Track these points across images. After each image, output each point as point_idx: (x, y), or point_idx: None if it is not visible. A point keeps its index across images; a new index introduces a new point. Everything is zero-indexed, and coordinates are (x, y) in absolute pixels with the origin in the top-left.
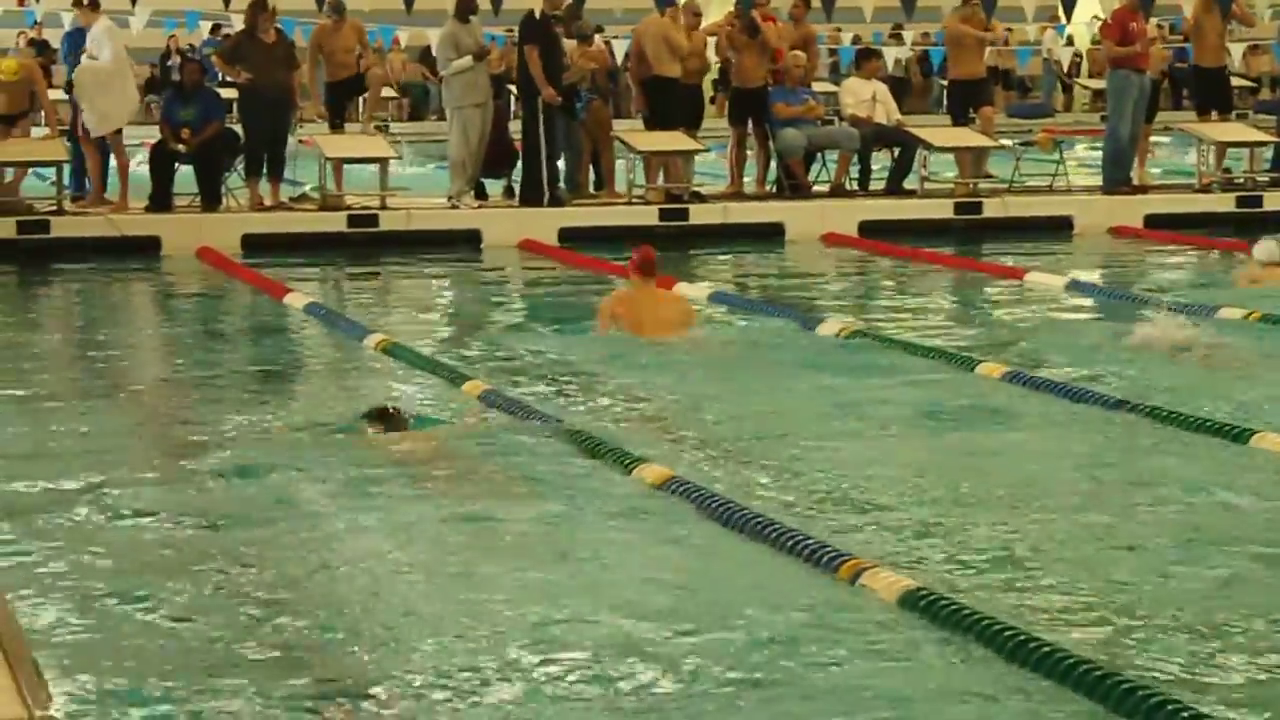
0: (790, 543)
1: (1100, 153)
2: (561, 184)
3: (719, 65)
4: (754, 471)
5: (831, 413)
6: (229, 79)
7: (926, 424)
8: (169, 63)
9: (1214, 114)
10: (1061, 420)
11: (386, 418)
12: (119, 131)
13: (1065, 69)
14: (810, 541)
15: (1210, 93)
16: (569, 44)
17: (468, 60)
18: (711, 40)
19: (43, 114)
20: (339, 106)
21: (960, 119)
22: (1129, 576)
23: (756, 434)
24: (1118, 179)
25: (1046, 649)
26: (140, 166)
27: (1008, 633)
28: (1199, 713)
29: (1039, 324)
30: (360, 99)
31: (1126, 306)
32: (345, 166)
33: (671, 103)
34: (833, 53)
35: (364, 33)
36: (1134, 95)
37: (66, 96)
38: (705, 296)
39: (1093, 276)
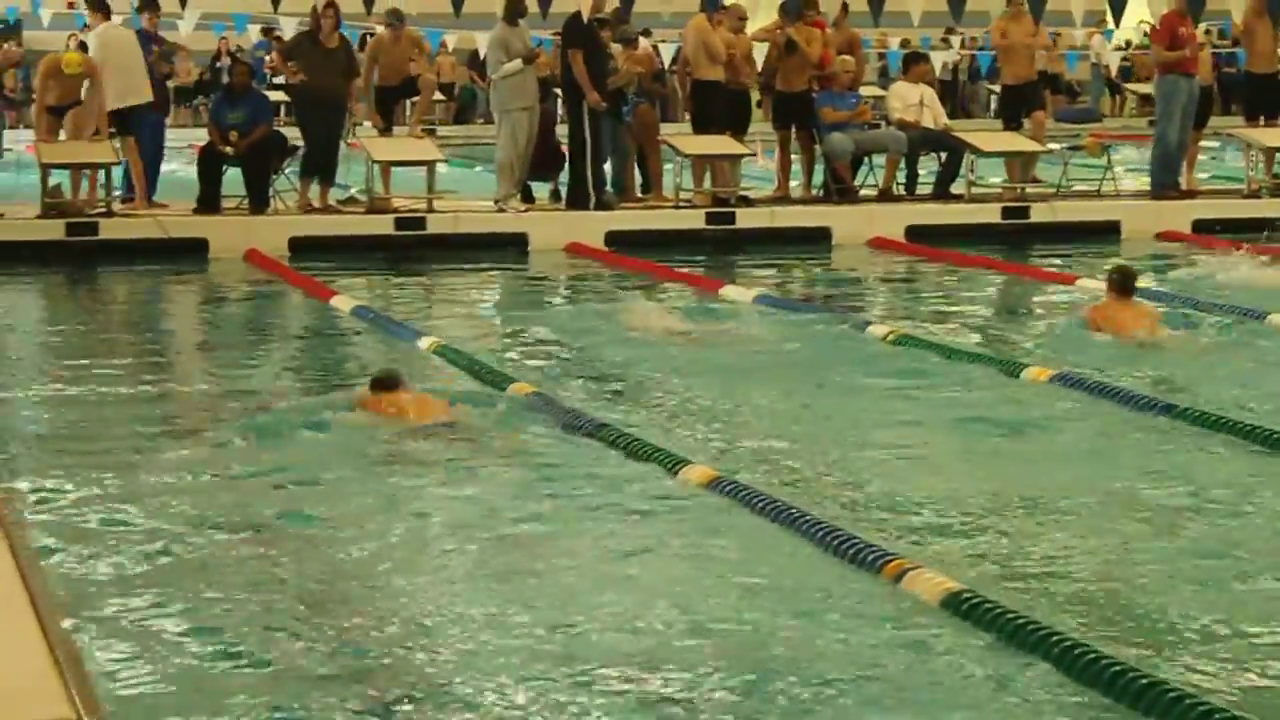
0: (835, 542)
1: (1148, 157)
2: (608, 188)
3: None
4: (799, 472)
5: (877, 415)
6: (281, 79)
7: (972, 427)
8: (218, 64)
9: (1262, 119)
10: (1109, 424)
11: (390, 382)
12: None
13: (1113, 74)
14: (855, 541)
15: (1261, 98)
16: (615, 48)
17: (518, 64)
18: (761, 45)
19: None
20: (388, 110)
21: (1011, 123)
22: (1174, 584)
23: (802, 435)
24: (1166, 183)
25: (1091, 654)
26: (188, 167)
27: (1052, 637)
28: (1223, 711)
29: (1085, 327)
30: (409, 102)
31: (1174, 312)
32: (392, 170)
33: (714, 106)
34: (881, 57)
35: (421, 42)
36: (1182, 100)
37: None
38: (751, 299)
39: (1141, 281)
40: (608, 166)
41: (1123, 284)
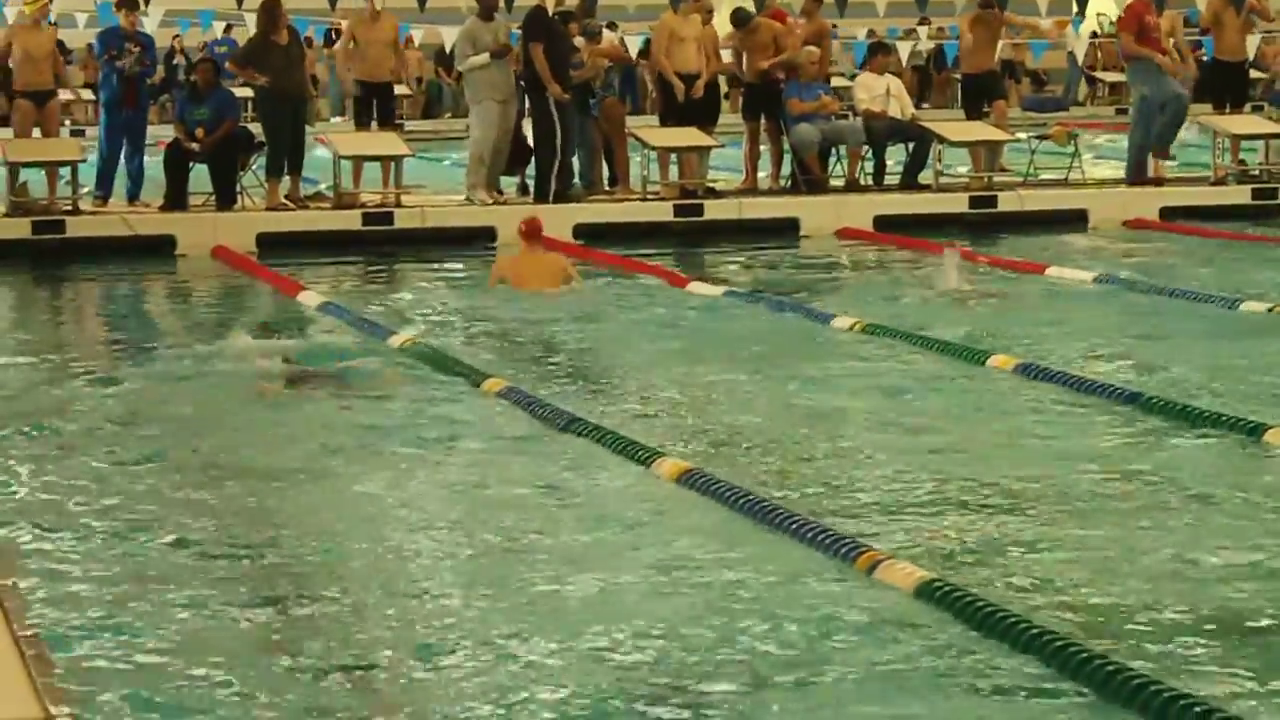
0: (808, 534)
1: (1120, 146)
2: (576, 181)
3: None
4: (768, 464)
5: (845, 406)
6: (245, 82)
7: (939, 417)
8: (174, 62)
9: (1228, 106)
10: (1074, 412)
11: None
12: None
13: (1084, 62)
14: (828, 533)
15: (1228, 87)
16: (579, 41)
17: (484, 58)
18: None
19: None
20: (367, 106)
21: (973, 113)
22: (1144, 569)
23: (770, 428)
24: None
25: (1060, 642)
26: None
27: (1021, 625)
28: (1209, 706)
29: (1054, 317)
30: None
31: (1144, 298)
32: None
33: (685, 99)
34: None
35: (398, 29)
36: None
37: (92, 96)
38: (720, 293)
39: (1109, 269)
40: (575, 160)
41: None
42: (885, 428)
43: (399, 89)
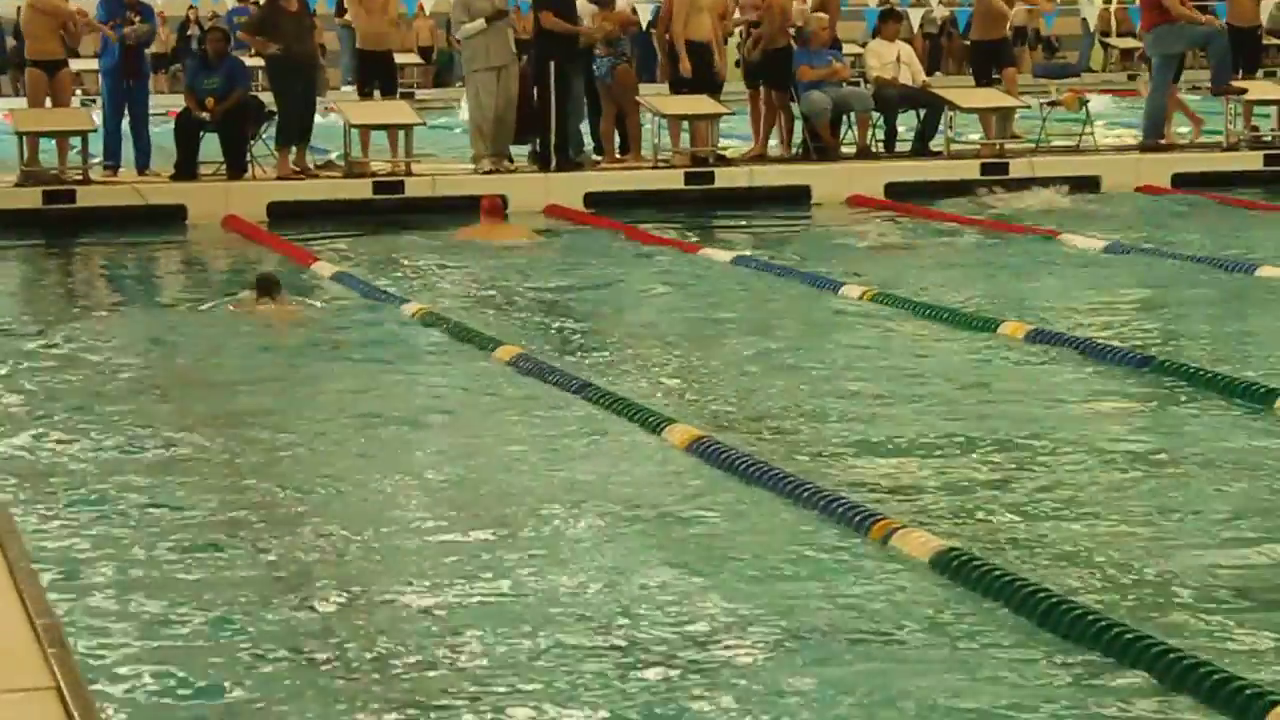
0: (823, 503)
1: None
2: (586, 148)
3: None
4: (778, 431)
5: (855, 374)
6: (257, 51)
7: (950, 384)
8: (188, 32)
9: (1241, 72)
10: (1087, 379)
11: (269, 286)
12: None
13: (1097, 28)
14: (842, 501)
15: (1241, 52)
16: (589, 9)
17: (479, 23)
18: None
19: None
20: (368, 76)
21: (982, 80)
22: (1158, 536)
23: (780, 395)
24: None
25: (1078, 611)
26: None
27: (1039, 594)
28: (1227, 674)
29: (1066, 283)
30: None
31: (1158, 264)
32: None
33: (700, 66)
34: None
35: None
36: (1181, 49)
37: (96, 67)
38: (730, 259)
39: (1122, 235)
40: (584, 126)
41: None
42: (895, 395)
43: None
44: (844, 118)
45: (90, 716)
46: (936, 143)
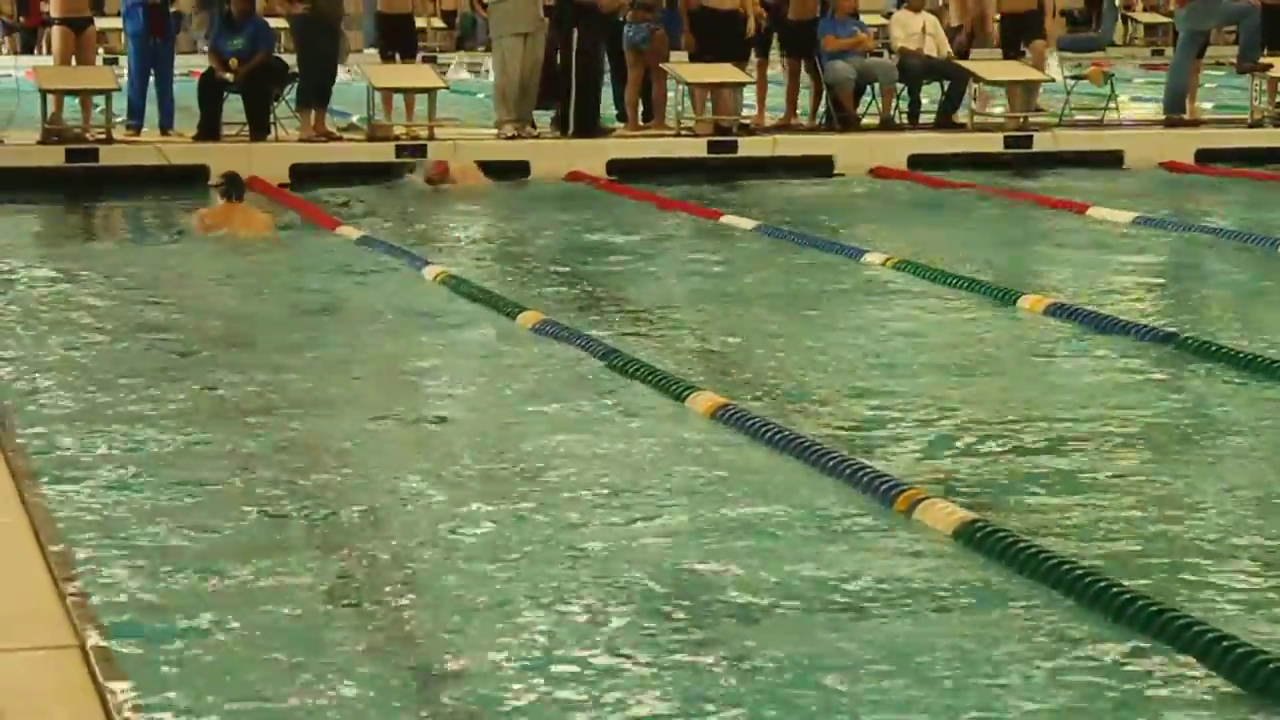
0: (847, 472)
1: (1158, 86)
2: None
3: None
4: (804, 402)
5: (877, 343)
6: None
7: (972, 355)
8: None
9: (1266, 49)
10: (1108, 352)
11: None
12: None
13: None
14: (867, 470)
15: (1267, 29)
16: None
17: None
18: None
19: None
20: (389, 39)
21: (1010, 52)
22: (1180, 510)
23: (802, 363)
24: (1178, 109)
25: (1103, 583)
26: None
27: (1063, 566)
28: (1252, 648)
29: (1087, 257)
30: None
31: (1182, 239)
32: (384, 97)
33: (718, 35)
34: None
35: None
36: (1211, 25)
37: (120, 26)
38: (752, 227)
39: (1146, 210)
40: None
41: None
42: (916, 365)
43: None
44: (868, 88)
45: (112, 676)
46: (960, 115)
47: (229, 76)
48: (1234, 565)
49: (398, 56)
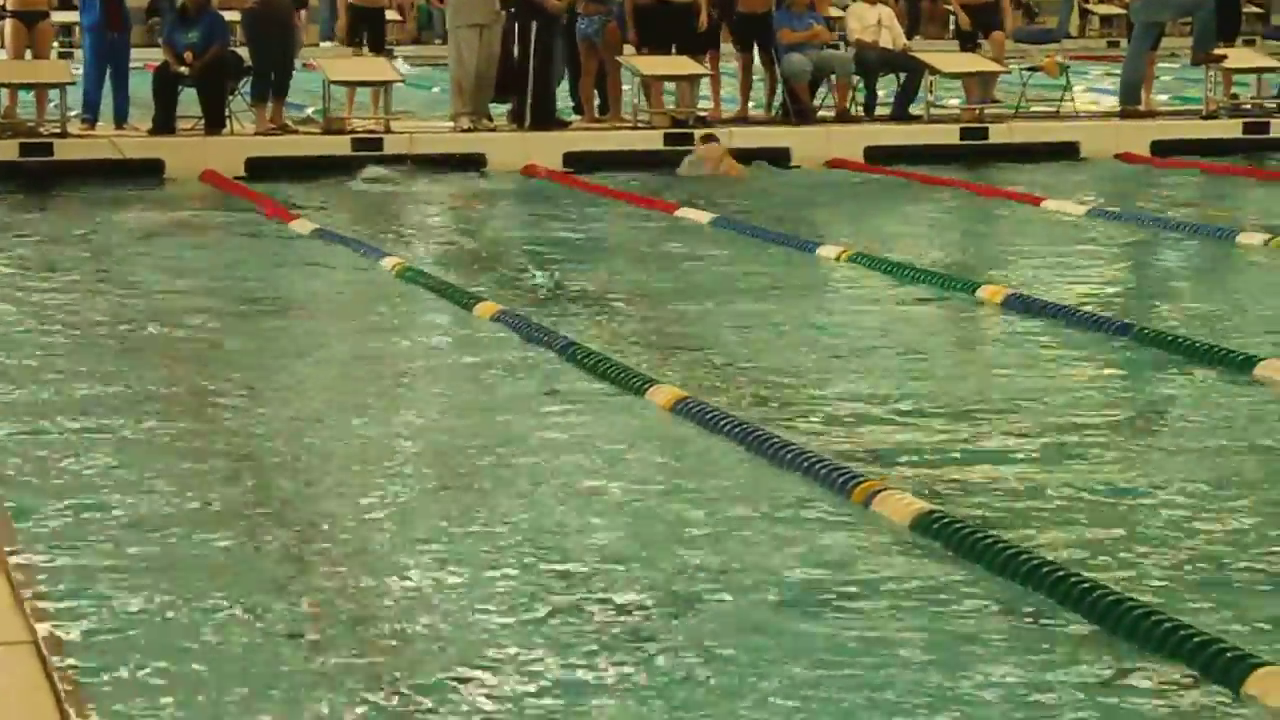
0: (805, 465)
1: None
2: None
3: None
4: (760, 394)
5: (833, 336)
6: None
7: (928, 347)
8: None
9: (1220, 41)
10: (1065, 344)
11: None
12: None
13: None
14: (824, 462)
15: (1221, 19)
16: None
17: None
18: None
19: None
20: (359, 30)
21: (968, 44)
22: (1136, 500)
23: (758, 356)
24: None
25: (1060, 572)
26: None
27: (1020, 556)
28: (1208, 636)
29: (1042, 248)
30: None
31: (1133, 230)
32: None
33: (660, 26)
34: None
35: None
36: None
37: (78, 18)
38: (708, 221)
39: (1101, 201)
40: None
41: None
42: (873, 357)
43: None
44: (825, 81)
45: (68, 671)
46: (916, 107)
47: (184, 70)
48: (1190, 553)
49: (366, 49)
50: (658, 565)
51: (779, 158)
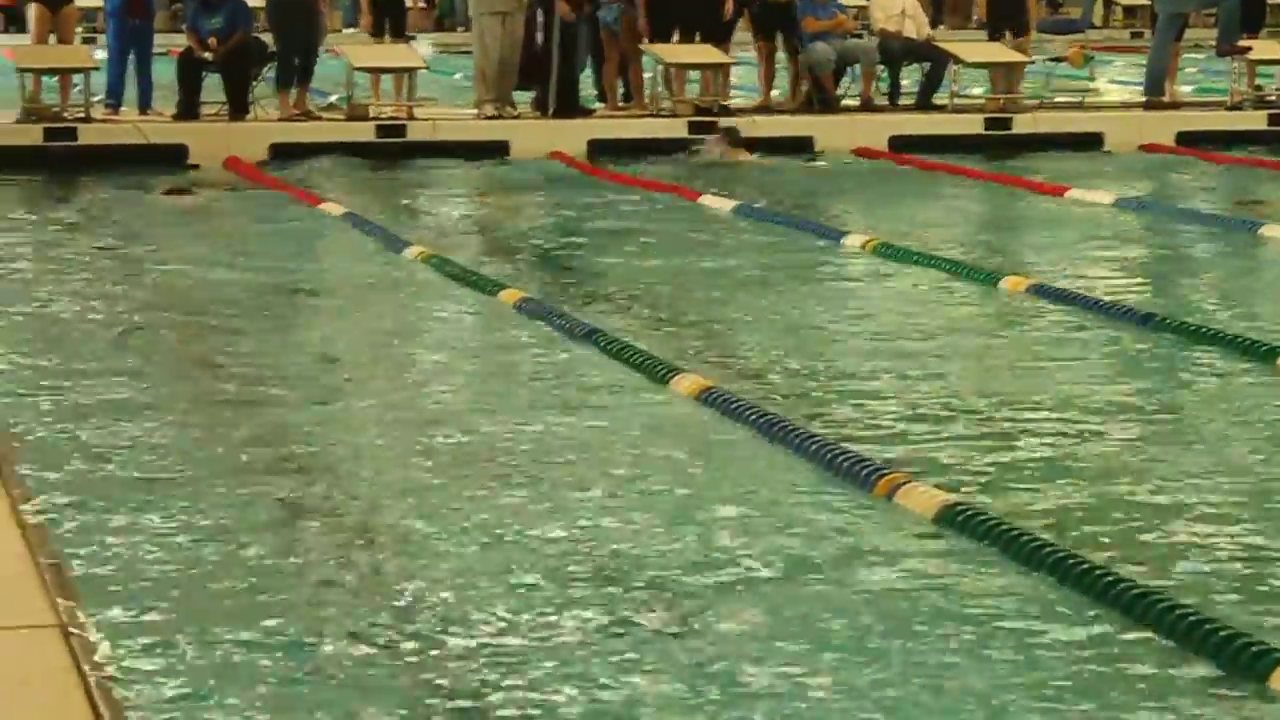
0: (828, 456)
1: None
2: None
3: None
4: (782, 384)
5: (858, 326)
6: None
7: (953, 338)
8: None
9: (1245, 33)
10: (1088, 334)
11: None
12: None
13: None
14: (848, 454)
15: (1245, 11)
16: None
17: None
18: None
19: None
20: (381, 18)
21: (996, 35)
22: (1161, 491)
23: (781, 345)
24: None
25: (1085, 566)
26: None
27: (1045, 549)
28: (1236, 631)
29: (1067, 238)
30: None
31: (1158, 221)
32: (370, 76)
33: (674, 14)
34: None
35: None
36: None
37: (101, 3)
38: (731, 209)
39: (1126, 192)
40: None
41: None
42: (897, 348)
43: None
44: (847, 70)
45: (92, 655)
46: (940, 97)
47: (208, 56)
48: (1215, 546)
49: (388, 36)
50: (681, 555)
51: (803, 147)
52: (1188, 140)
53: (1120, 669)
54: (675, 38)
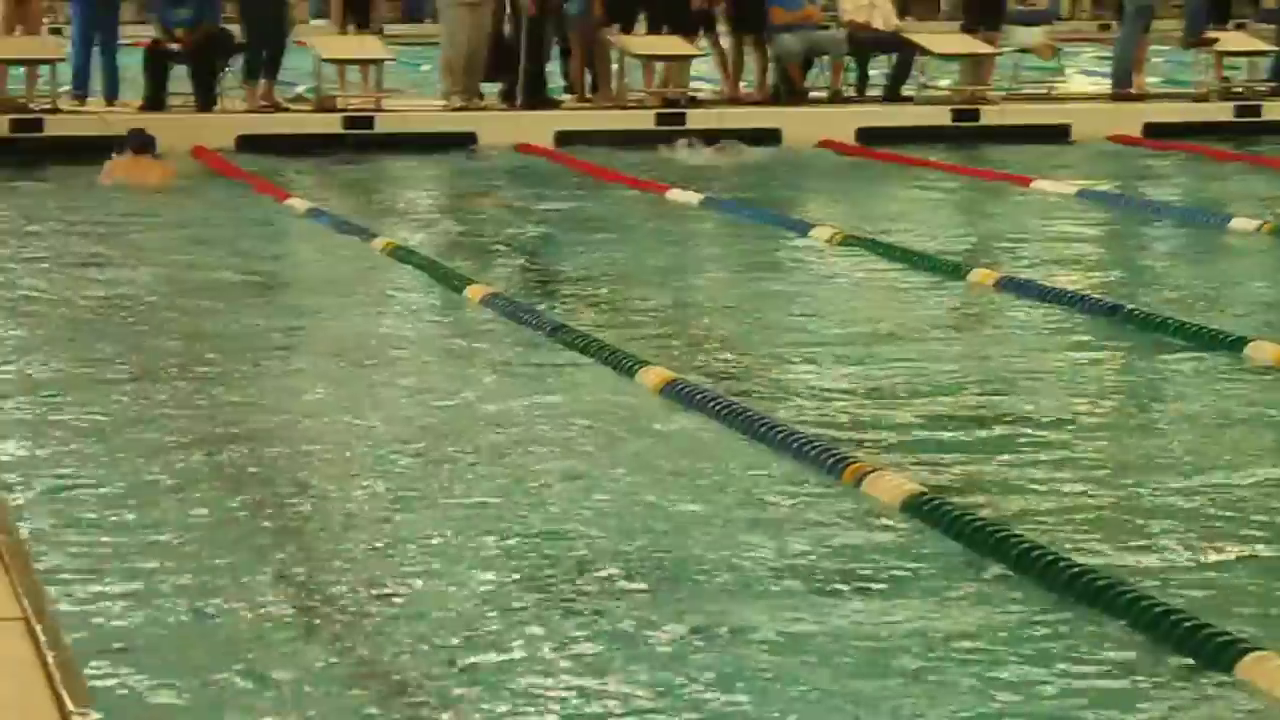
0: (796, 446)
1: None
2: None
3: None
4: (750, 375)
5: (825, 317)
6: None
7: (922, 330)
8: None
9: (1211, 24)
10: (1056, 326)
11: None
12: None
13: None
14: (815, 444)
15: (1212, 2)
16: None
17: None
18: None
19: None
20: (348, 8)
21: (970, 28)
22: (1126, 481)
23: (748, 337)
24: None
25: (1050, 555)
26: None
27: (1010, 539)
28: (1200, 622)
29: (1035, 230)
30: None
31: (1125, 213)
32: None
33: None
34: None
35: None
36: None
37: None
38: (699, 201)
39: (1093, 184)
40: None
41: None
42: (865, 339)
43: None
44: (816, 61)
45: (58, 647)
46: (908, 88)
47: (175, 47)
48: (1181, 534)
49: (353, 26)
50: (647, 548)
51: (769, 138)
52: (1155, 131)
53: (1084, 658)
54: (642, 30)
